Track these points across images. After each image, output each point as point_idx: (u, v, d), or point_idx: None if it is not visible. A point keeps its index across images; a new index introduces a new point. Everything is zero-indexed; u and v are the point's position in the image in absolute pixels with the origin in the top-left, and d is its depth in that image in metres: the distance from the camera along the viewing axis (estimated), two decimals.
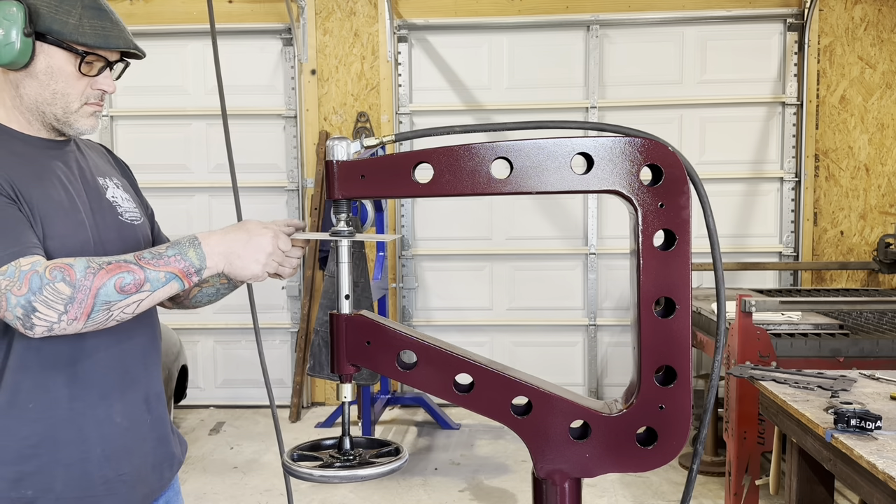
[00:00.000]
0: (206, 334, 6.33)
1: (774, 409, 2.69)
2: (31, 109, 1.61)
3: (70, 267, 1.44)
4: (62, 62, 1.58)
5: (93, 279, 1.44)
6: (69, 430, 1.60)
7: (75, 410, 1.61)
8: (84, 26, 1.57)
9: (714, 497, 4.38)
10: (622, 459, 1.47)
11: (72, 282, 1.43)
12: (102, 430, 1.64)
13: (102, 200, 1.72)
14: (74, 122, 1.63)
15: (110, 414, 1.66)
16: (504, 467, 4.89)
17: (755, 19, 5.95)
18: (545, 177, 1.43)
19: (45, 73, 1.58)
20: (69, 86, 1.60)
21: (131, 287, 1.47)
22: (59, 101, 1.60)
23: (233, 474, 4.84)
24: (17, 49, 1.53)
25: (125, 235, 1.73)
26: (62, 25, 1.55)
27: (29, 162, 1.60)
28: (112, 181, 1.79)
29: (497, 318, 6.24)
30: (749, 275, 6.00)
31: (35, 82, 1.58)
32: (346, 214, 1.50)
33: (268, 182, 6.22)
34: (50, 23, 1.55)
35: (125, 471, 1.68)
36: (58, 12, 1.56)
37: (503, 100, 6.12)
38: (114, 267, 1.47)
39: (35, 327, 1.43)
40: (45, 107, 1.60)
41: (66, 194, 1.62)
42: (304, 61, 6.08)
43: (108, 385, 1.66)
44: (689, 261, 1.42)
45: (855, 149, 5.92)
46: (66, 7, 1.57)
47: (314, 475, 1.42)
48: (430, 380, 1.49)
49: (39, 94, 1.59)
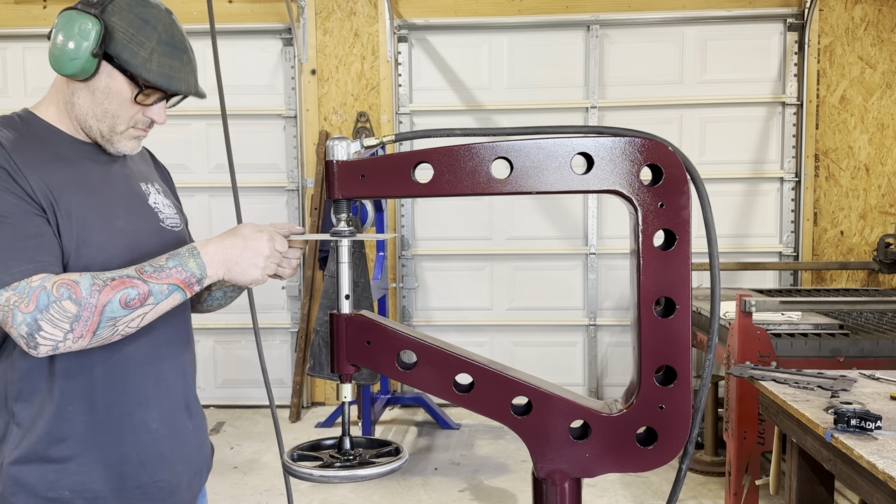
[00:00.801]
0: (206, 334, 6.33)
1: (774, 409, 2.69)
2: (79, 119, 1.63)
3: (76, 284, 1.45)
4: (121, 86, 1.59)
5: (98, 296, 1.45)
6: (107, 435, 1.62)
7: (112, 416, 1.62)
8: (153, 62, 1.58)
9: (714, 497, 4.38)
10: (622, 459, 1.47)
11: (77, 299, 1.43)
12: (138, 437, 1.66)
13: (145, 206, 1.73)
14: (117, 142, 1.66)
15: (146, 420, 1.67)
16: (504, 467, 4.89)
17: (755, 19, 5.96)
18: (545, 177, 1.42)
19: (103, 91, 1.59)
20: (121, 109, 1.62)
21: (136, 301, 1.48)
22: (107, 119, 1.62)
23: (233, 474, 4.84)
24: (80, 66, 1.55)
25: (166, 242, 1.73)
26: (131, 55, 1.56)
27: (72, 166, 1.61)
28: (154, 187, 1.80)
29: (497, 318, 6.24)
30: (749, 275, 6.00)
31: (90, 97, 1.60)
32: (346, 214, 1.50)
33: (268, 182, 6.22)
34: (121, 49, 1.56)
35: (162, 477, 1.69)
36: (132, 41, 1.56)
37: (503, 100, 6.12)
38: (118, 283, 1.47)
39: (39, 346, 1.44)
40: (93, 121, 1.62)
41: (106, 201, 1.63)
42: (304, 61, 6.08)
43: (145, 391, 1.67)
44: (689, 261, 1.42)
45: (855, 149, 5.92)
46: (142, 38, 1.57)
47: (314, 475, 1.42)
48: (430, 380, 1.49)
49: (91, 109, 1.61)
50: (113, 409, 1.62)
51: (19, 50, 6.26)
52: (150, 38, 1.58)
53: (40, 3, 6.16)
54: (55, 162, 1.58)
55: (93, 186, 1.62)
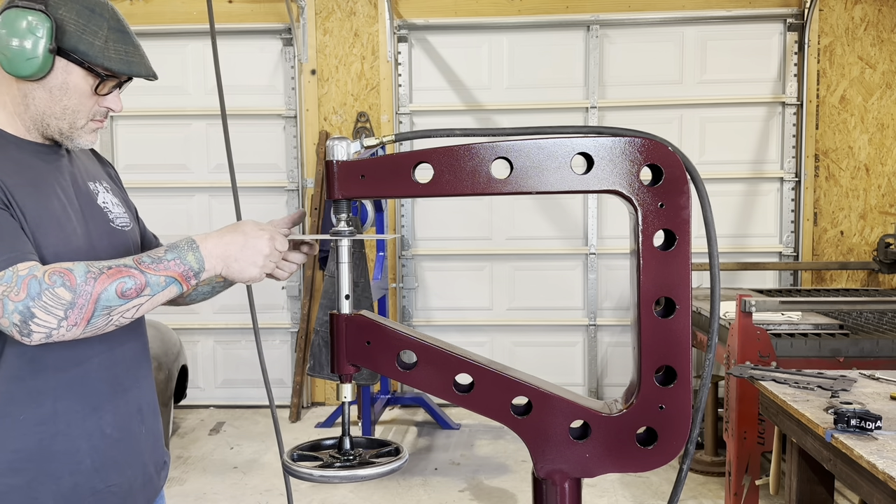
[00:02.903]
0: (206, 334, 6.33)
1: (774, 409, 2.69)
2: (34, 119, 1.58)
3: (69, 272, 1.42)
4: (79, 80, 1.56)
5: (94, 284, 1.42)
6: (61, 443, 1.57)
7: (67, 423, 1.58)
8: (109, 49, 1.55)
9: (714, 497, 4.38)
10: (622, 459, 1.47)
11: (72, 287, 1.41)
12: (93, 442, 1.62)
13: (94, 207, 1.70)
14: (77, 137, 1.62)
15: (101, 425, 1.63)
16: (504, 467, 4.89)
17: (755, 19, 5.95)
18: (545, 177, 1.43)
19: (60, 88, 1.56)
20: (80, 103, 1.58)
21: (132, 292, 1.46)
22: (67, 116, 1.58)
23: (233, 474, 4.84)
24: (38, 65, 1.50)
25: (116, 243, 1.71)
26: (88, 46, 1.53)
27: (25, 168, 1.57)
28: (102, 185, 1.77)
29: (497, 318, 6.24)
30: (749, 275, 6.00)
31: (47, 95, 1.56)
32: (346, 214, 1.50)
33: (268, 182, 6.22)
34: (76, 42, 1.53)
35: (115, 482, 1.66)
36: (85, 32, 1.53)
37: (503, 100, 6.12)
38: (114, 272, 1.45)
39: (33, 334, 1.40)
40: (52, 120, 1.58)
41: (59, 203, 1.60)
42: (304, 61, 6.08)
43: (100, 395, 1.64)
44: (689, 261, 1.42)
45: (855, 149, 5.92)
46: (93, 27, 1.54)
47: (314, 475, 1.42)
48: (430, 380, 1.49)
49: (49, 108, 1.57)
50: (67, 416, 1.58)
51: None
52: (101, 27, 1.55)
53: None
54: (8, 164, 1.54)
55: (46, 188, 1.58)
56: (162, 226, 5.96)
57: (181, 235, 1.58)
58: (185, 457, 5.13)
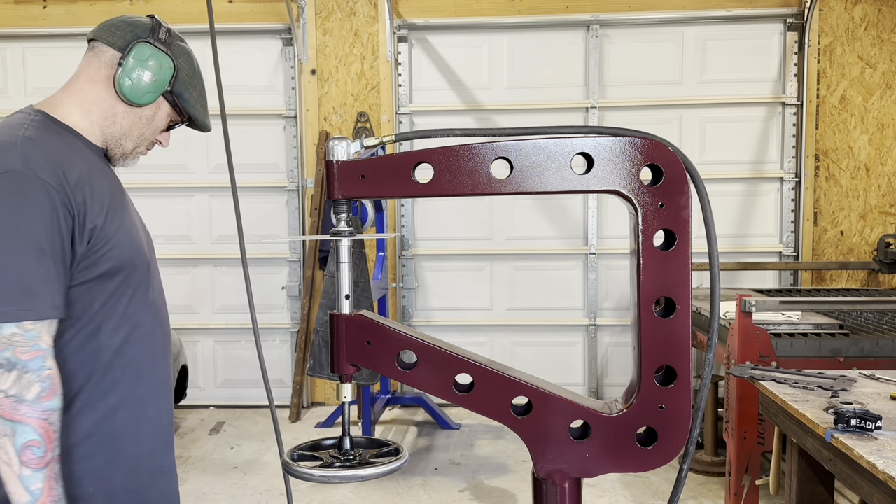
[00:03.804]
0: (206, 334, 6.32)
1: (774, 409, 2.69)
2: (114, 135, 1.72)
3: (50, 396, 1.49)
4: (163, 117, 1.76)
5: (35, 413, 1.46)
6: (129, 428, 1.69)
7: (136, 409, 1.70)
8: (199, 102, 1.79)
9: (714, 497, 4.38)
10: (622, 459, 1.47)
11: (30, 397, 1.47)
12: (152, 427, 1.74)
13: (137, 214, 1.83)
14: (130, 159, 1.78)
15: (160, 410, 1.76)
16: (504, 467, 4.89)
17: (755, 19, 5.95)
18: (545, 177, 1.43)
19: (147, 118, 1.74)
20: (152, 134, 1.77)
21: (30, 456, 1.47)
22: (135, 140, 1.75)
23: (233, 474, 4.84)
24: (152, 98, 1.70)
25: (152, 245, 1.84)
26: (190, 96, 1.76)
27: (101, 175, 1.67)
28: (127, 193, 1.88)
29: (497, 318, 6.24)
30: (749, 275, 6.00)
31: (134, 120, 1.72)
32: (346, 214, 1.50)
33: (268, 182, 6.21)
34: (183, 89, 1.75)
35: (167, 463, 1.80)
36: (190, 84, 1.76)
37: (503, 100, 6.12)
38: (51, 461, 1.48)
39: None
40: (126, 140, 1.74)
41: (125, 211, 1.71)
42: (304, 61, 6.08)
43: (159, 383, 1.77)
44: (689, 261, 1.42)
45: (855, 149, 5.92)
46: (195, 81, 1.77)
47: (314, 475, 1.42)
48: (430, 380, 1.49)
49: (128, 130, 1.72)
50: (137, 403, 1.70)
51: (19, 50, 6.26)
52: (199, 83, 1.79)
53: (40, 3, 6.16)
54: (93, 172, 1.64)
55: (115, 198, 1.69)
56: (162, 226, 6.01)
57: (181, 235, 1.60)
58: (185, 456, 5.13)
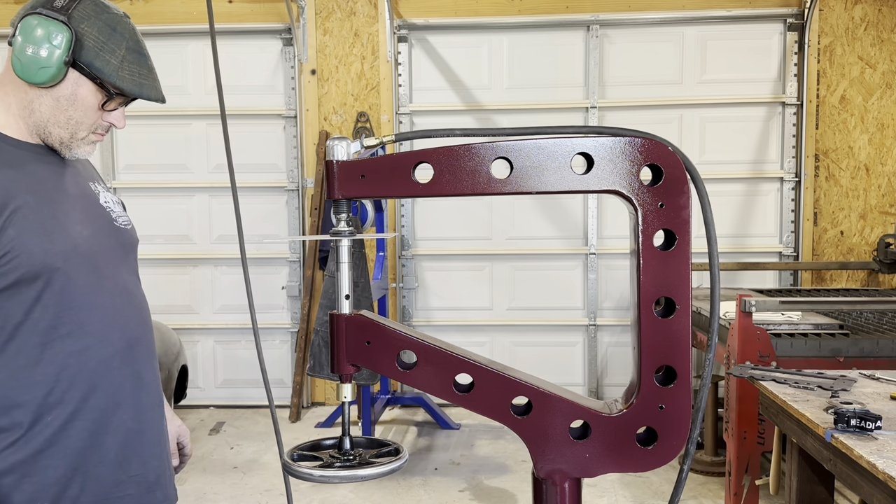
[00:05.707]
0: (206, 334, 6.32)
1: (774, 409, 2.69)
2: (37, 125, 1.60)
3: None
4: (88, 94, 1.59)
5: None
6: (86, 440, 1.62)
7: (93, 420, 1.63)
8: (124, 69, 1.58)
9: (714, 497, 4.38)
10: (622, 459, 1.47)
11: None
12: (117, 437, 1.67)
13: (98, 207, 1.71)
14: (76, 147, 1.64)
15: (124, 420, 1.68)
16: (504, 467, 4.89)
17: (755, 19, 5.95)
18: (545, 177, 1.42)
19: (68, 99, 1.58)
20: (85, 116, 1.61)
21: None
22: (70, 126, 1.60)
23: (233, 474, 4.84)
24: (51, 74, 1.53)
25: (122, 241, 1.73)
26: (104, 64, 1.56)
27: (26, 174, 1.57)
28: (100, 185, 1.79)
29: (497, 318, 6.24)
30: (749, 275, 6.00)
31: (53, 104, 1.58)
32: (346, 214, 1.50)
33: (268, 182, 6.21)
34: (93, 58, 1.55)
35: (137, 472, 1.71)
36: (103, 49, 1.56)
37: (503, 100, 6.12)
38: None
39: None
40: (54, 128, 1.60)
41: (62, 206, 1.61)
42: (304, 61, 6.08)
43: (123, 391, 1.68)
44: (689, 261, 1.42)
45: (855, 149, 5.92)
46: (112, 46, 1.57)
47: (314, 475, 1.42)
48: (430, 380, 1.49)
49: (53, 116, 1.59)
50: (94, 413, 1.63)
51: None
52: (119, 46, 1.57)
53: None
54: (5, 169, 1.54)
55: (46, 193, 1.58)
56: (162, 226, 6.01)
57: (181, 235, 1.59)
58: None
